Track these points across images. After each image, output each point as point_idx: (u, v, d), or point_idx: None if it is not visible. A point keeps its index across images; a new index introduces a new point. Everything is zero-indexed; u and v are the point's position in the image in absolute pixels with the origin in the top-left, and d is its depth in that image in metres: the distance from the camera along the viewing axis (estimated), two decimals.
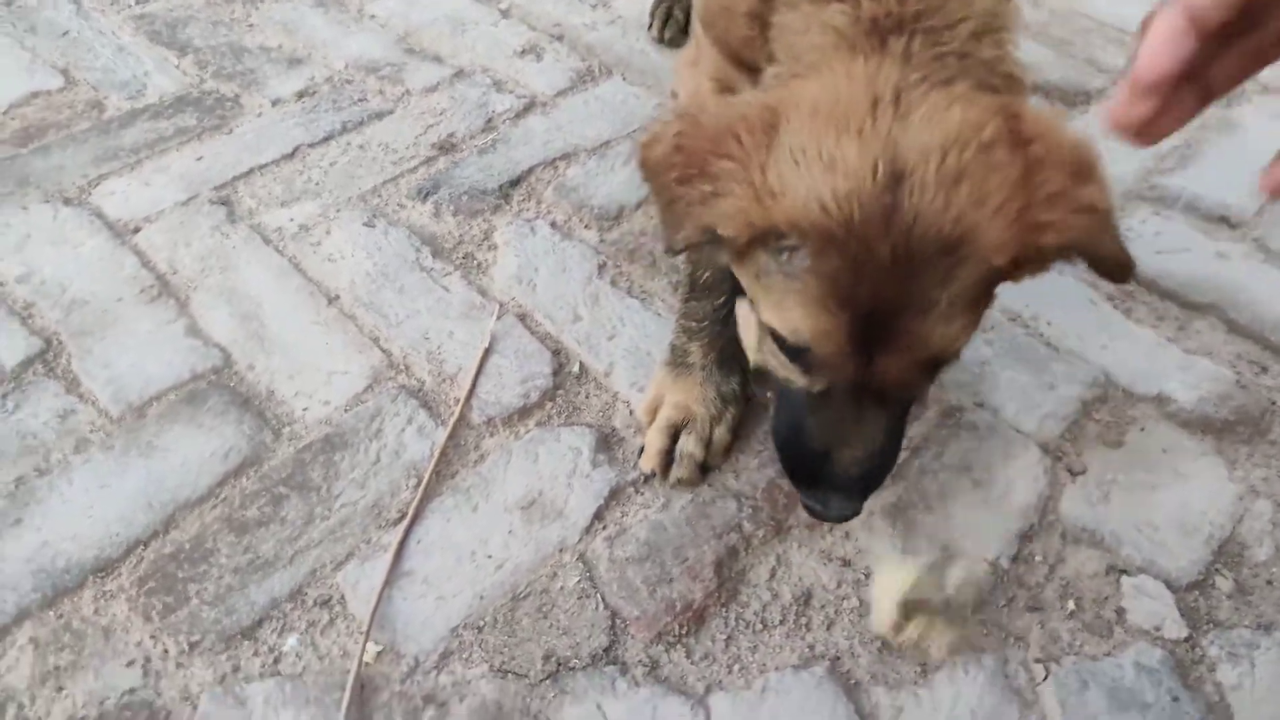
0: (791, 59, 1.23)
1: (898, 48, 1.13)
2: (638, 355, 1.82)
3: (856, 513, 1.33)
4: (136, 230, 2.08)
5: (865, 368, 1.15)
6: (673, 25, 2.59)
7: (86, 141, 2.31)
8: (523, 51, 2.61)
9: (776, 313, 1.17)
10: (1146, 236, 2.07)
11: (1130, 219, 2.11)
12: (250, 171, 2.23)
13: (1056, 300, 1.92)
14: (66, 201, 2.14)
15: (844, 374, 1.18)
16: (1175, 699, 1.36)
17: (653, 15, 2.64)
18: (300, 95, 2.45)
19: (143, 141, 2.31)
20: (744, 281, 1.26)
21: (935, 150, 1.04)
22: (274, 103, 2.43)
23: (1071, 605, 1.48)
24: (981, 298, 1.14)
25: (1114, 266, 1.17)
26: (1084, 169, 1.10)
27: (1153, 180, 2.22)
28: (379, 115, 2.40)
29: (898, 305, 1.09)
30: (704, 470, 1.63)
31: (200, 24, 2.70)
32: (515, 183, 2.21)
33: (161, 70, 2.52)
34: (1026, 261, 1.10)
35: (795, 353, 1.20)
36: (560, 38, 2.67)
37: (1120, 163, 2.23)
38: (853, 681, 1.39)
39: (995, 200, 1.05)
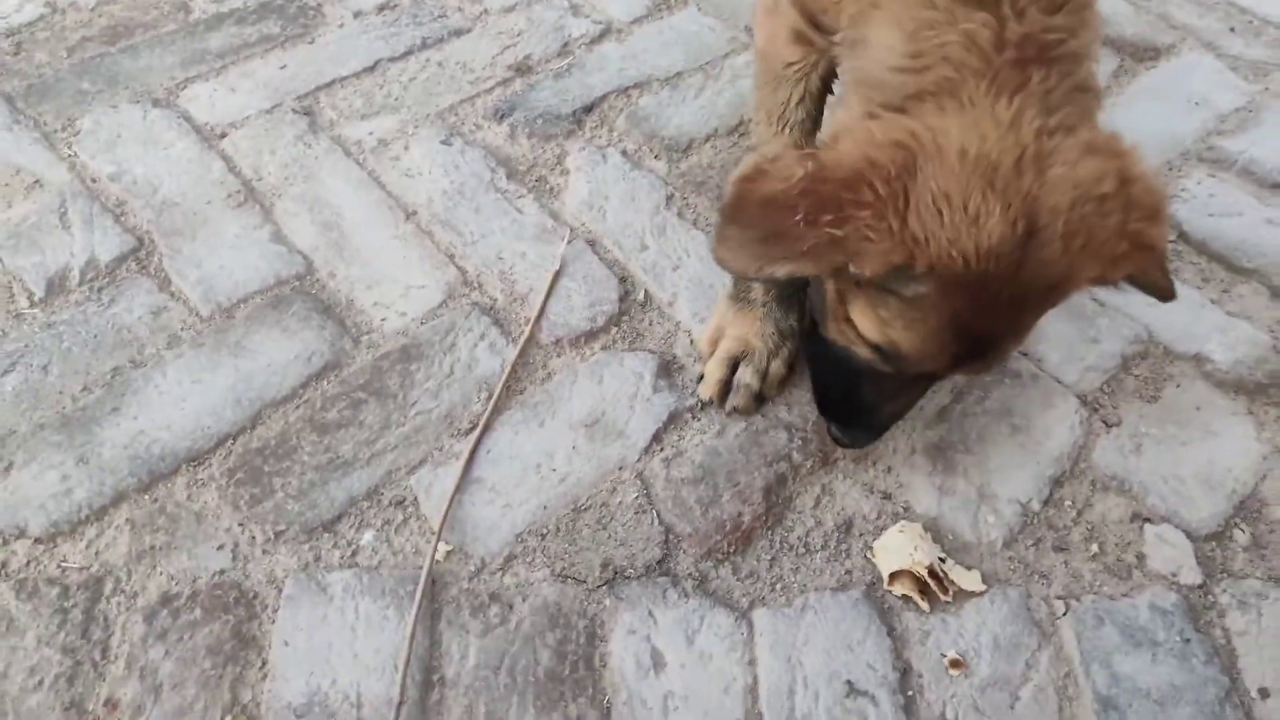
0: (913, 53, 1.21)
1: (1038, 84, 1.15)
2: (700, 287, 1.90)
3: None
4: (223, 135, 2.17)
5: (949, 372, 1.29)
6: None
7: (173, 43, 2.39)
8: None
9: (877, 325, 1.26)
10: (1200, 198, 2.11)
11: (1186, 180, 2.15)
12: (332, 83, 2.31)
13: None
14: (155, 103, 2.23)
15: (920, 372, 1.31)
16: (1185, 640, 1.47)
17: None
18: (381, 8, 2.51)
19: (228, 46, 2.39)
20: (832, 282, 1.34)
21: (1064, 208, 1.13)
22: (356, 14, 2.49)
23: (1095, 548, 1.57)
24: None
25: (1159, 292, 1.29)
26: (1158, 211, 1.20)
27: (1211, 142, 2.25)
28: (458, 33, 2.46)
29: (1000, 334, 1.23)
30: (759, 400, 1.72)
31: None
32: (589, 109, 2.27)
33: None
34: (1098, 284, 1.22)
35: (883, 352, 1.30)
36: None
37: (1180, 123, 2.27)
38: (886, 606, 1.51)
39: (1097, 245, 1.15)
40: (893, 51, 1.24)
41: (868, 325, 1.28)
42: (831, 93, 1.62)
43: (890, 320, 1.24)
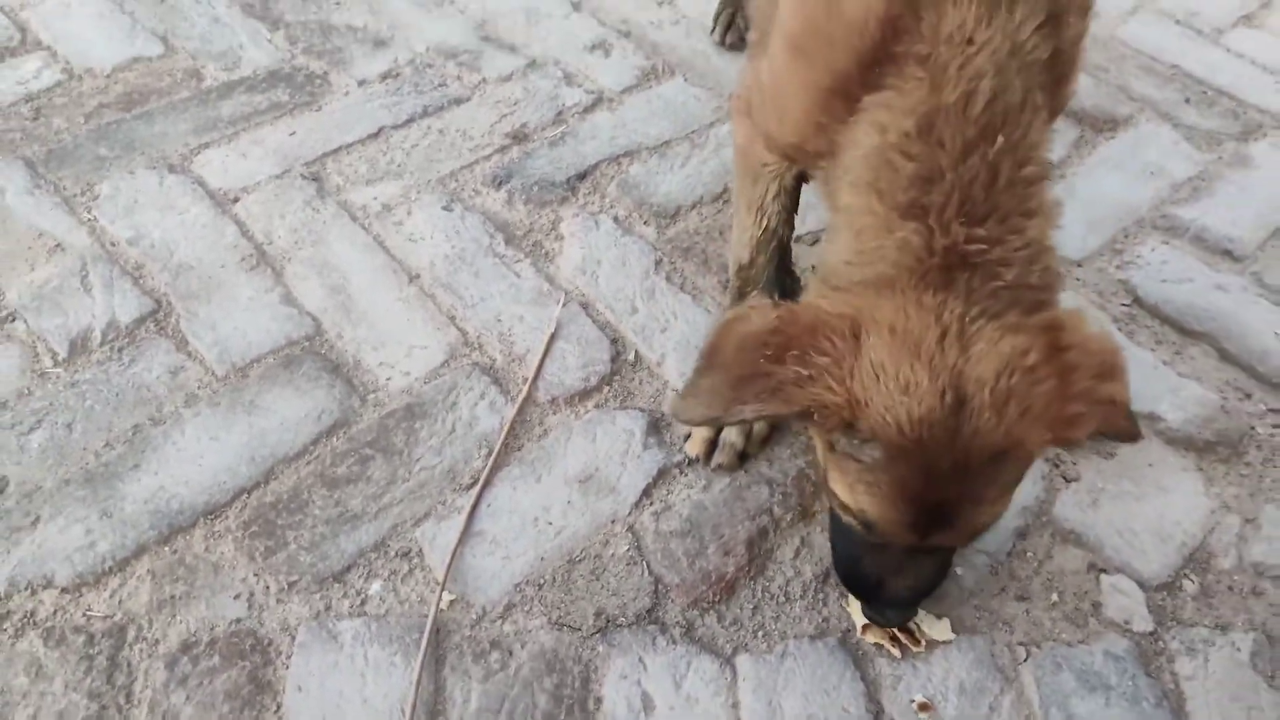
0: (859, 251, 1.37)
1: (962, 284, 1.28)
2: (687, 348, 2.02)
3: (910, 618, 1.59)
4: (235, 200, 2.29)
5: (922, 540, 1.37)
6: (734, 32, 2.76)
7: (187, 110, 2.51)
8: (593, 46, 2.79)
9: (847, 491, 1.37)
10: (1154, 264, 2.25)
11: (1141, 247, 2.29)
12: (338, 149, 2.43)
13: None
14: (171, 169, 2.35)
15: (902, 544, 1.40)
16: (1136, 685, 1.58)
17: (716, 19, 2.80)
18: (384, 77, 2.65)
19: (239, 113, 2.51)
20: (817, 443, 1.45)
21: (990, 379, 1.23)
22: (360, 83, 2.62)
23: (1055, 597, 1.69)
24: (1020, 478, 1.35)
25: (1126, 438, 1.37)
26: (1109, 369, 1.30)
27: (1165, 210, 2.39)
28: (457, 101, 2.59)
29: (955, 501, 1.31)
30: (742, 458, 1.84)
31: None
32: (582, 176, 2.40)
33: (255, 43, 2.71)
34: (1061, 446, 1.34)
35: (858, 519, 1.40)
36: (628, 34, 2.83)
37: (1137, 192, 2.42)
38: (860, 652, 1.62)
39: (1035, 412, 1.25)
40: (845, 249, 1.39)
41: (841, 489, 1.38)
42: (807, 181, 1.74)
43: (854, 485, 1.34)
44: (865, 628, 1.62)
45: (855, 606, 1.65)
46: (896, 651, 1.60)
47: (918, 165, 1.30)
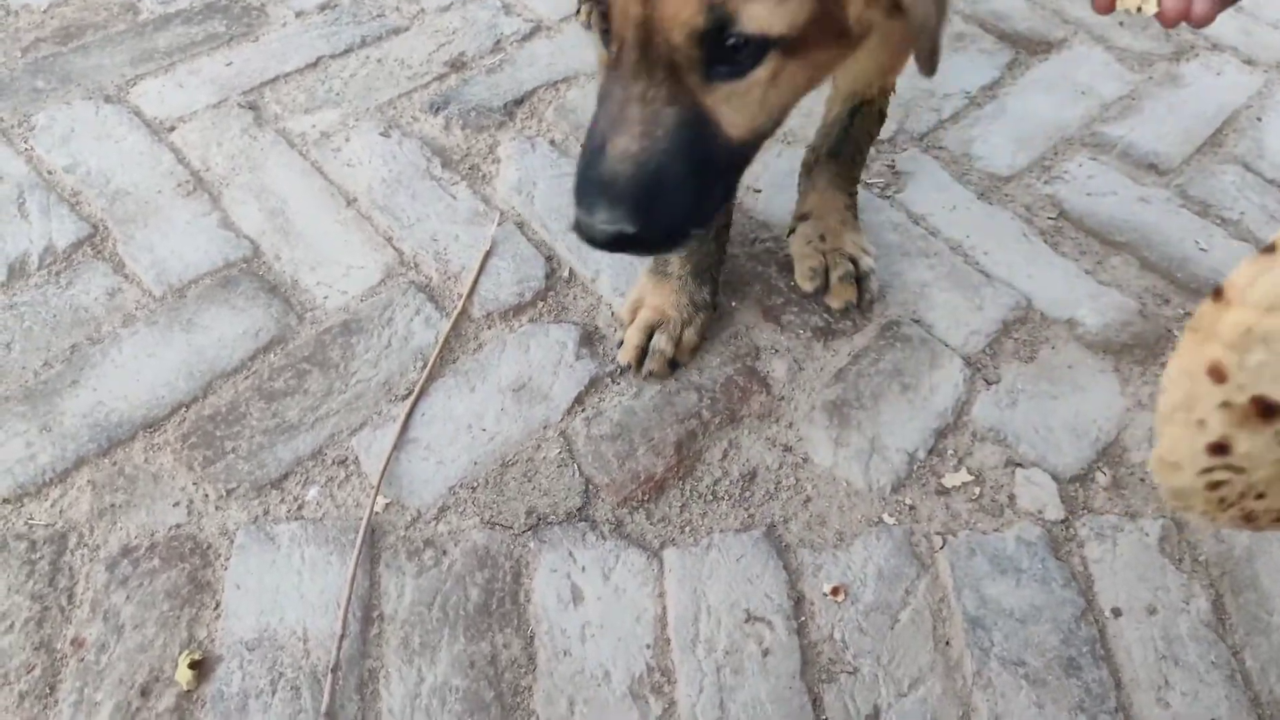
0: None
1: None
2: (620, 264, 2.05)
3: (623, 234, 1.23)
4: (172, 129, 2.30)
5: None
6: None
7: (123, 43, 2.51)
8: None
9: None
10: (1080, 179, 2.29)
11: (1068, 163, 2.33)
12: (276, 79, 2.44)
13: (994, 233, 2.16)
14: (107, 99, 2.36)
15: (628, 25, 1.17)
16: (1046, 567, 1.64)
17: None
18: (323, 8, 2.65)
19: (175, 45, 2.51)
20: None
21: None
22: (298, 14, 2.62)
23: (973, 491, 1.74)
24: None
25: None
26: None
27: (1094, 128, 2.43)
28: (396, 31, 2.60)
29: None
30: (673, 366, 1.87)
31: None
32: (519, 102, 2.42)
33: None
34: None
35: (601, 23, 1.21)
36: None
37: (1067, 111, 2.46)
38: (784, 544, 1.67)
39: None
40: None
41: None
42: None
43: None
44: None
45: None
46: None
47: None
